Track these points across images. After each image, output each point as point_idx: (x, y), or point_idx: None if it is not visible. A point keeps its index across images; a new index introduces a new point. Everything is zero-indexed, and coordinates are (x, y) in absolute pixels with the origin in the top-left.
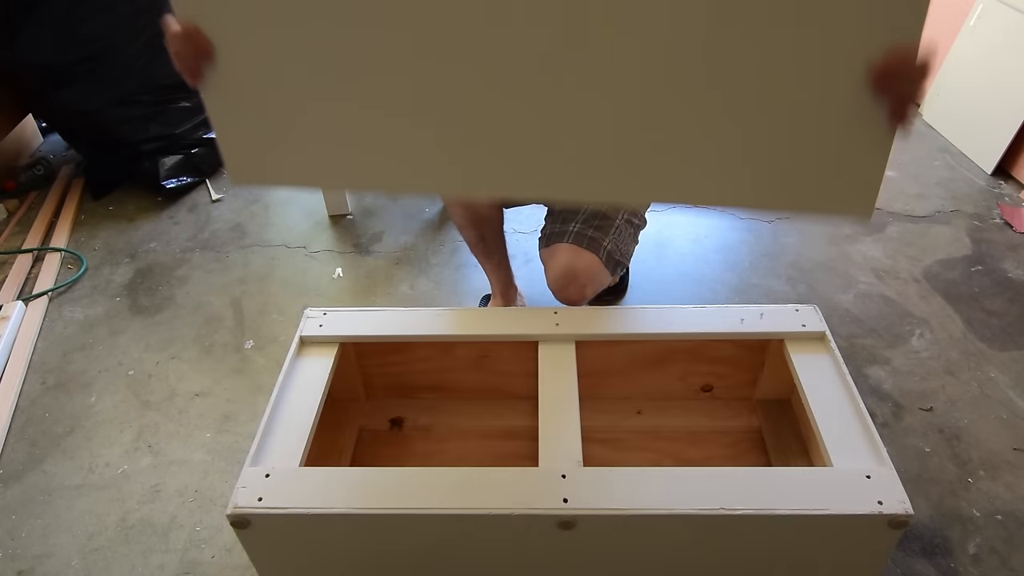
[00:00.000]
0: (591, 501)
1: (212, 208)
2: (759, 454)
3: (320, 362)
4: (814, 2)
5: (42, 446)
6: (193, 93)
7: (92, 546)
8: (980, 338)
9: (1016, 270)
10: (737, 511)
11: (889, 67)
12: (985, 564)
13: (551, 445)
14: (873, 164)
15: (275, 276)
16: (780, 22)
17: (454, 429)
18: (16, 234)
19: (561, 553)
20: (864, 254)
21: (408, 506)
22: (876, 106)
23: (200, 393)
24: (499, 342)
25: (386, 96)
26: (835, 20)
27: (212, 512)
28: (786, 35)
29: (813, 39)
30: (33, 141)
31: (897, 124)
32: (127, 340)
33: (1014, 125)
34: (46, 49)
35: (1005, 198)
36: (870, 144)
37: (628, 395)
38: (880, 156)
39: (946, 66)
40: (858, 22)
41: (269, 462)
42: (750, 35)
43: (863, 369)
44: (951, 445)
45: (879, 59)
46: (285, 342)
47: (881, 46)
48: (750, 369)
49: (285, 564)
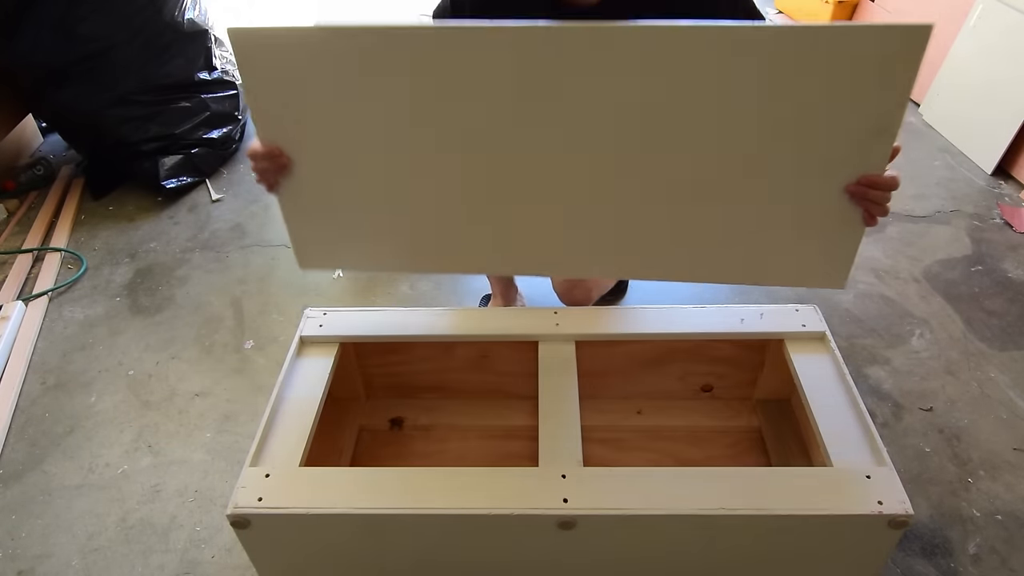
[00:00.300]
0: (591, 501)
1: (212, 208)
2: (759, 454)
3: (320, 362)
4: (810, 144)
5: (42, 446)
6: (193, 93)
7: (92, 546)
8: (980, 338)
9: (1016, 270)
10: (737, 511)
11: (860, 189)
12: (985, 564)
13: (551, 445)
14: (848, 250)
15: (275, 276)
16: (783, 153)
17: (454, 429)
18: (16, 234)
19: (561, 553)
20: (864, 254)
21: (408, 506)
22: (852, 209)
23: (200, 393)
24: (499, 342)
25: (428, 199)
26: (823, 156)
27: (212, 512)
28: (788, 163)
29: (810, 167)
30: (33, 141)
31: (868, 225)
32: (127, 340)
33: (1014, 125)
34: (45, 49)
35: (1005, 198)
36: (847, 236)
37: (628, 395)
38: (854, 244)
39: (946, 66)
40: (837, 158)
41: (269, 462)
42: (756, 163)
43: (863, 369)
44: (951, 445)
45: (853, 183)
46: (285, 342)
47: (856, 174)
48: (750, 369)
49: (285, 564)
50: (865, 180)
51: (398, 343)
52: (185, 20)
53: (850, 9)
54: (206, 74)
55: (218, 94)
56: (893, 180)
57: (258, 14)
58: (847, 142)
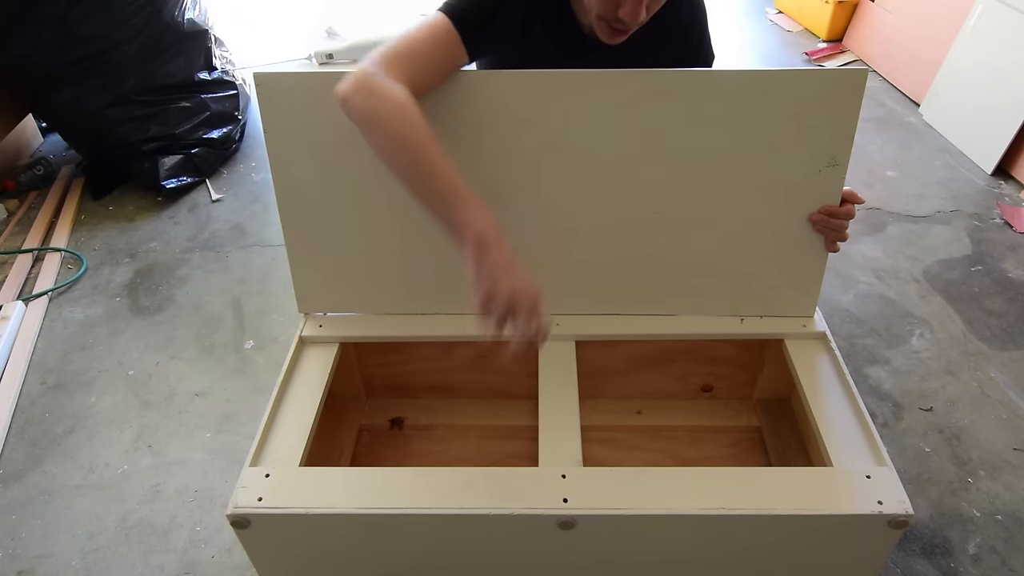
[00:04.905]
0: (591, 501)
1: (212, 208)
2: (759, 454)
3: (320, 362)
4: (776, 177)
5: (42, 446)
6: (193, 93)
7: (92, 546)
8: (980, 338)
9: (1016, 270)
10: (737, 511)
11: (822, 218)
12: (985, 564)
13: (551, 445)
14: (815, 276)
15: (275, 276)
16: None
17: (454, 429)
18: (16, 234)
19: (561, 553)
20: (864, 254)
21: (408, 506)
22: (816, 237)
23: (200, 393)
24: (499, 342)
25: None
26: (788, 188)
27: (212, 512)
28: (759, 196)
29: (776, 199)
30: (33, 141)
31: (830, 251)
32: (127, 340)
33: (1014, 125)
34: (45, 49)
35: (1005, 198)
36: (813, 262)
37: (628, 395)
38: (819, 270)
39: (946, 66)
40: (800, 190)
41: (269, 462)
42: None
43: (863, 369)
44: (951, 445)
45: (814, 213)
46: (285, 342)
47: (817, 204)
48: (750, 369)
49: (285, 564)
50: (825, 210)
51: (398, 343)
52: (185, 20)
53: (850, 9)
54: (206, 74)
55: (218, 94)
56: (850, 209)
57: (258, 14)
58: (806, 174)
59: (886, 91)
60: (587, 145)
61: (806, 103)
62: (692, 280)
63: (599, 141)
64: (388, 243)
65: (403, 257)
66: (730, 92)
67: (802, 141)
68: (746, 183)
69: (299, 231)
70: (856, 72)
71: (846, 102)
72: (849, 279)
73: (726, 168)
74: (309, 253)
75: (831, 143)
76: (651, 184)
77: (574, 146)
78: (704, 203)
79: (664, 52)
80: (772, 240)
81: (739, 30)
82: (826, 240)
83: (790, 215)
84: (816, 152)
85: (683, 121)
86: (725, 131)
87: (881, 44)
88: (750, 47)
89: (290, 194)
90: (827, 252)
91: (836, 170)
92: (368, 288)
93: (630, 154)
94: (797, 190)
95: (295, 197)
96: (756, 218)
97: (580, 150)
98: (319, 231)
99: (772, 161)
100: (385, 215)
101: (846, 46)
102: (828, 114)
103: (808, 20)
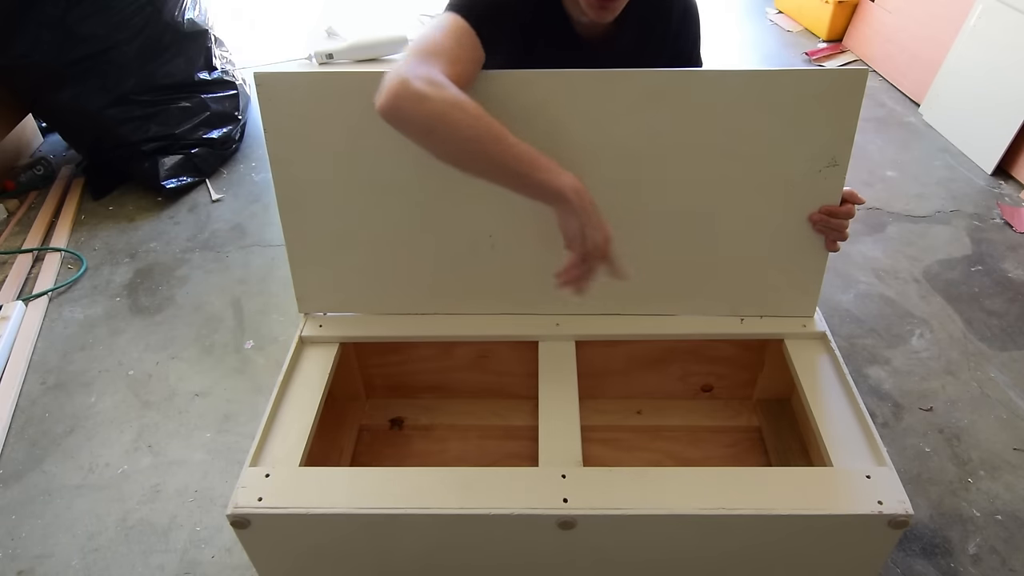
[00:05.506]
0: (591, 501)
1: (212, 208)
2: (759, 454)
3: (320, 362)
4: (778, 177)
5: (42, 446)
6: (193, 93)
7: (92, 546)
8: (980, 338)
9: (1016, 270)
10: (737, 511)
11: (822, 218)
12: (985, 564)
13: (551, 445)
14: (815, 276)
15: (275, 276)
16: (756, 186)
17: (454, 429)
18: (16, 234)
19: (561, 553)
20: (864, 254)
21: (408, 506)
22: (816, 237)
23: (200, 393)
24: (499, 342)
25: (433, 242)
26: (789, 188)
27: (212, 512)
28: (761, 196)
29: (778, 199)
30: (33, 141)
31: (830, 250)
32: (127, 340)
33: (1014, 125)
34: (45, 49)
35: (1005, 198)
36: (814, 262)
37: (628, 395)
38: (819, 270)
39: (946, 66)
40: (801, 190)
41: (269, 462)
42: (733, 195)
43: (863, 369)
44: (951, 445)
45: (815, 213)
46: (285, 342)
47: (817, 204)
48: (750, 369)
49: (285, 564)
50: (825, 209)
51: (398, 343)
52: (185, 20)
53: (850, 9)
54: (206, 74)
55: (218, 94)
56: (850, 209)
57: (258, 14)
58: (807, 174)
59: (886, 91)
60: (587, 145)
61: (806, 103)
62: (692, 280)
63: (599, 141)
64: (388, 243)
65: (403, 257)
66: (730, 92)
67: (802, 141)
68: (746, 183)
69: (299, 231)
70: (856, 72)
71: (846, 102)
72: (849, 279)
73: (726, 168)
74: (309, 253)
75: (831, 143)
76: (651, 184)
77: (574, 146)
78: (704, 203)
79: (658, 55)
80: (772, 240)
81: (739, 30)
82: (826, 240)
83: (790, 215)
84: (816, 152)
85: (683, 121)
86: (725, 131)
87: (881, 44)
88: (750, 47)
89: (290, 194)
90: (827, 252)
91: (836, 170)
92: (368, 288)
93: (630, 154)
94: (797, 190)
95: (295, 197)
96: (756, 218)
97: (580, 150)
98: (319, 231)
99: (772, 161)
100: (385, 215)
101: (846, 46)
102: (828, 114)
103: (808, 20)
